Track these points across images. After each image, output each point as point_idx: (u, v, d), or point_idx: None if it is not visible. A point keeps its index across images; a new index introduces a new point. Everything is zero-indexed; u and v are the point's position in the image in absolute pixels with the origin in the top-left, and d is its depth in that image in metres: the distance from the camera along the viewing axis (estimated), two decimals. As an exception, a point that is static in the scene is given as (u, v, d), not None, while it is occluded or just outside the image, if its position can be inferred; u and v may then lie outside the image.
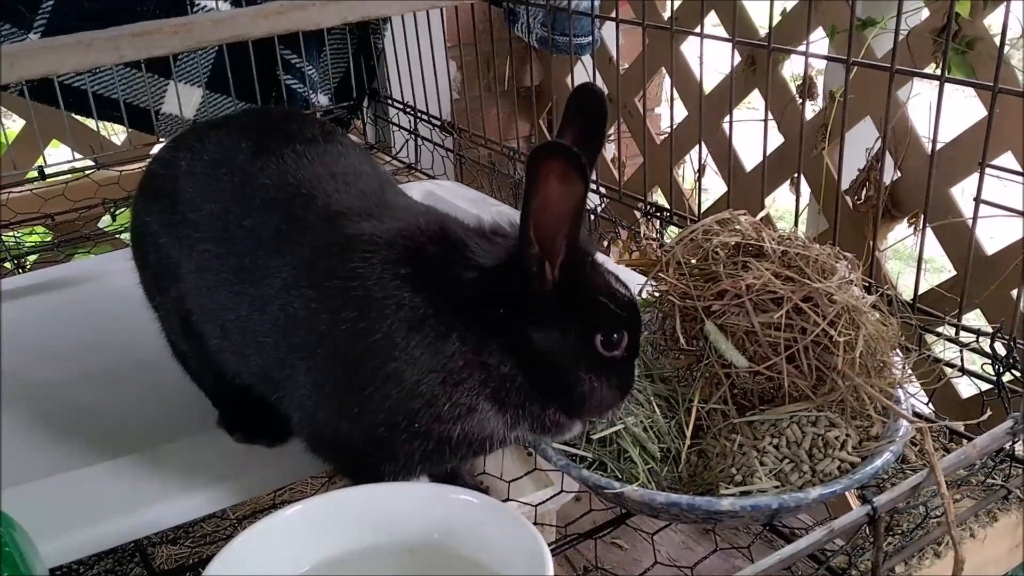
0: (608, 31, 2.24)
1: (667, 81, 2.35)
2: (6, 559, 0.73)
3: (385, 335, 0.86)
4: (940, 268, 2.27)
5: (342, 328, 0.89)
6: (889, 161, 1.73)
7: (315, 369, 0.92)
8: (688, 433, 1.00)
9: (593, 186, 1.79)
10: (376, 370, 0.87)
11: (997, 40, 1.56)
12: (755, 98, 2.08)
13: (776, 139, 1.92)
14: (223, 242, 1.00)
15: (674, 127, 1.78)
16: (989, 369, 1.10)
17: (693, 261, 1.05)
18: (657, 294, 1.07)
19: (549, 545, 0.79)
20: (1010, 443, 0.99)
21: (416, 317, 0.87)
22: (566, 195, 0.82)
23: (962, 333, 1.17)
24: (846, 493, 1.24)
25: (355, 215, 0.95)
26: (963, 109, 1.78)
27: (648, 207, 1.68)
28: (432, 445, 0.90)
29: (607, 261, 1.49)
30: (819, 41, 1.81)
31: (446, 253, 0.90)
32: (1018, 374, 1.10)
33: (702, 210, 1.69)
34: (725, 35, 1.91)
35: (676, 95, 1.85)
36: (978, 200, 1.10)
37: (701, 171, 1.69)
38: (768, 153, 1.52)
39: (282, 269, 0.95)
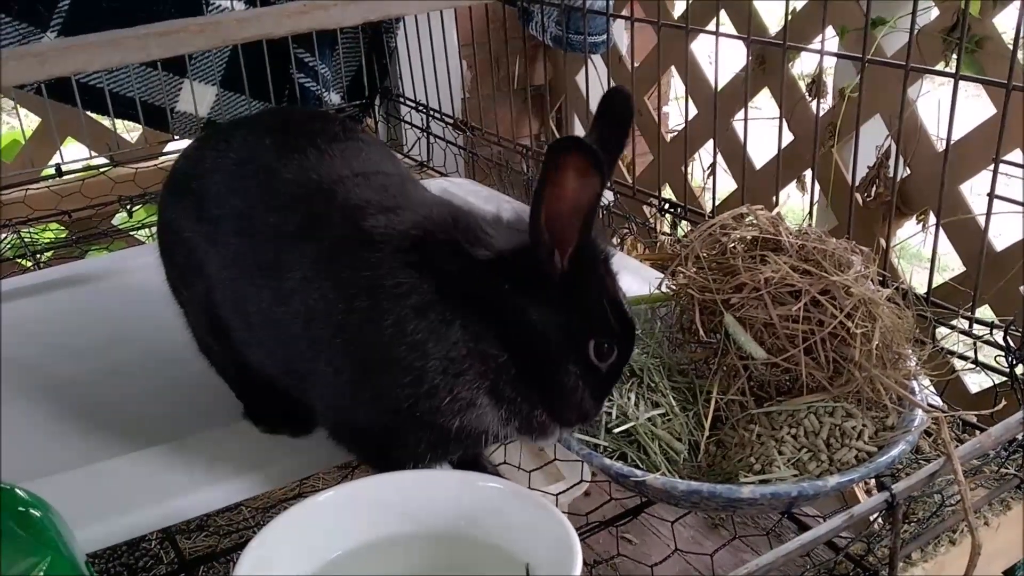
0: (616, 30, 2.25)
1: (676, 80, 2.37)
2: (49, 544, 0.74)
3: (395, 321, 0.89)
4: (945, 267, 2.28)
5: (357, 316, 0.91)
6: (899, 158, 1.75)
7: (334, 359, 0.94)
8: (707, 424, 1.01)
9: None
10: (386, 355, 0.89)
11: (1006, 38, 1.58)
12: (760, 98, 2.09)
13: (785, 137, 1.93)
14: (247, 237, 1.02)
15: (688, 124, 1.80)
16: (1002, 361, 1.12)
17: (710, 255, 1.06)
18: (675, 287, 1.09)
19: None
20: (1023, 433, 1.00)
21: (423, 303, 0.89)
22: (582, 189, 0.83)
23: (975, 326, 1.18)
24: (855, 486, 1.27)
25: (373, 209, 0.97)
26: (970, 108, 1.80)
27: (662, 203, 1.70)
28: (435, 435, 0.92)
29: (622, 256, 1.52)
30: (829, 40, 1.83)
31: (455, 239, 0.92)
32: (1030, 365, 1.11)
33: (713, 207, 1.71)
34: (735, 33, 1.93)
35: (688, 93, 1.86)
36: (992, 195, 1.12)
37: (714, 168, 1.71)
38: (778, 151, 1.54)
39: (303, 262, 0.97)
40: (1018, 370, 1.10)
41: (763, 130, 1.94)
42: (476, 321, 0.89)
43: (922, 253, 2.04)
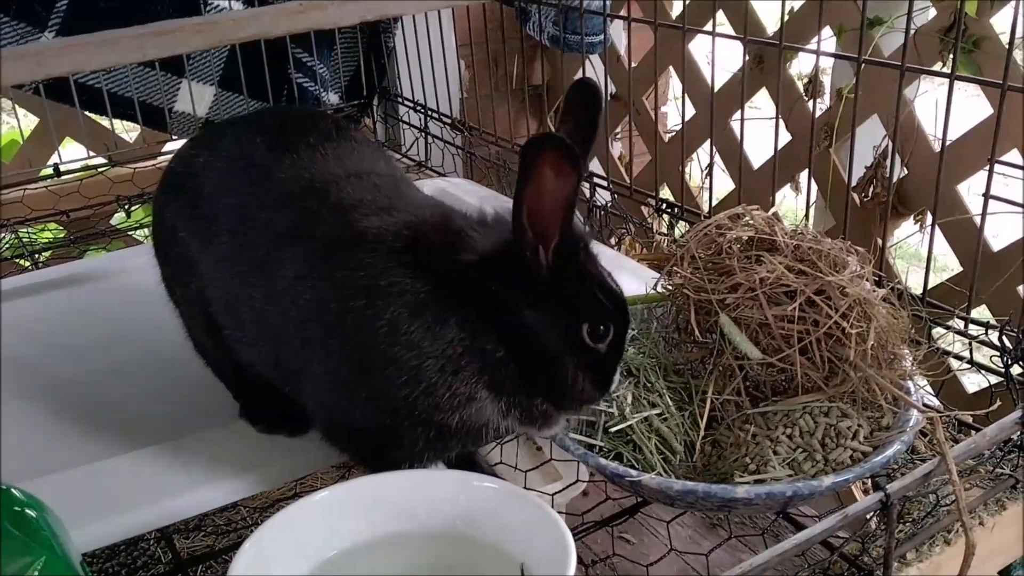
0: (614, 30, 2.26)
1: (674, 80, 2.38)
2: (44, 543, 0.75)
3: (389, 321, 0.89)
4: (943, 267, 2.29)
5: (351, 316, 0.91)
6: (896, 158, 1.75)
7: (327, 358, 0.94)
8: (702, 424, 1.02)
9: (604, 183, 1.81)
10: (381, 355, 0.90)
11: (1003, 39, 1.58)
12: (758, 98, 2.09)
13: (784, 137, 1.93)
14: (239, 235, 1.03)
15: (685, 125, 1.80)
16: (997, 361, 1.12)
17: (706, 255, 1.07)
18: (671, 287, 1.09)
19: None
20: (1018, 433, 1.00)
21: (417, 303, 0.89)
22: (560, 185, 0.84)
23: (971, 326, 1.19)
24: (852, 486, 1.27)
25: (366, 209, 0.98)
26: (967, 108, 1.80)
27: (659, 203, 1.71)
28: (434, 432, 0.92)
29: (619, 256, 1.52)
30: (826, 40, 1.83)
31: (447, 240, 0.93)
32: (1026, 366, 1.12)
33: (710, 207, 1.72)
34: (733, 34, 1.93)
35: (686, 93, 1.87)
36: (987, 196, 1.12)
37: (711, 168, 1.71)
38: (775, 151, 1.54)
39: (295, 261, 0.97)
40: (1014, 370, 1.11)
41: (761, 130, 1.94)
42: (472, 319, 0.90)
43: (921, 253, 2.04)
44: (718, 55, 1.55)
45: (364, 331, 0.90)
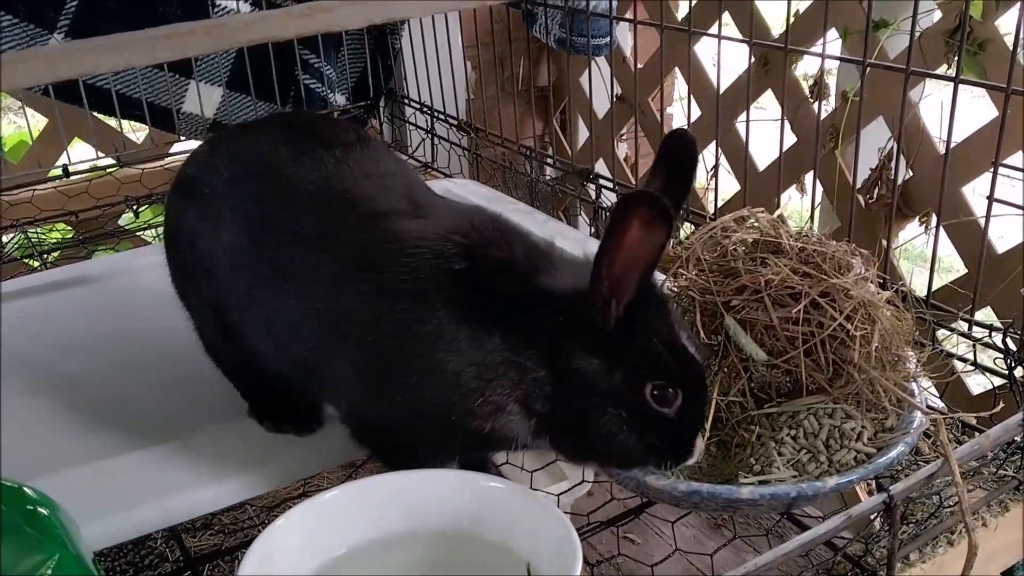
0: (620, 32, 2.26)
1: (680, 81, 2.38)
2: (57, 541, 0.75)
3: (435, 326, 0.90)
4: (948, 268, 2.29)
5: (392, 319, 0.92)
6: (901, 160, 1.75)
7: (363, 359, 0.95)
8: (707, 425, 1.02)
9: (609, 184, 1.82)
10: (423, 359, 0.90)
11: (1008, 41, 1.58)
12: (764, 100, 2.10)
13: (789, 139, 1.93)
14: (264, 242, 1.02)
15: (691, 126, 1.81)
16: (1001, 364, 1.13)
17: (711, 257, 1.07)
18: (676, 289, 1.10)
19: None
20: (1022, 435, 1.01)
21: (467, 312, 0.90)
22: (647, 240, 0.83)
23: (975, 328, 1.19)
24: (857, 487, 1.27)
25: (398, 215, 0.98)
26: (972, 110, 1.80)
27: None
28: (467, 437, 0.93)
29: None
30: (832, 43, 1.83)
31: (509, 258, 0.93)
32: (1030, 368, 1.12)
33: (716, 209, 1.72)
34: (738, 35, 1.94)
35: (691, 95, 1.87)
36: (991, 198, 1.13)
37: (716, 170, 1.71)
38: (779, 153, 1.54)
39: (329, 266, 0.97)
40: (1017, 372, 1.11)
41: (767, 132, 1.94)
42: (515, 334, 0.90)
43: (925, 254, 2.05)
44: (724, 57, 1.56)
45: (406, 334, 0.91)
